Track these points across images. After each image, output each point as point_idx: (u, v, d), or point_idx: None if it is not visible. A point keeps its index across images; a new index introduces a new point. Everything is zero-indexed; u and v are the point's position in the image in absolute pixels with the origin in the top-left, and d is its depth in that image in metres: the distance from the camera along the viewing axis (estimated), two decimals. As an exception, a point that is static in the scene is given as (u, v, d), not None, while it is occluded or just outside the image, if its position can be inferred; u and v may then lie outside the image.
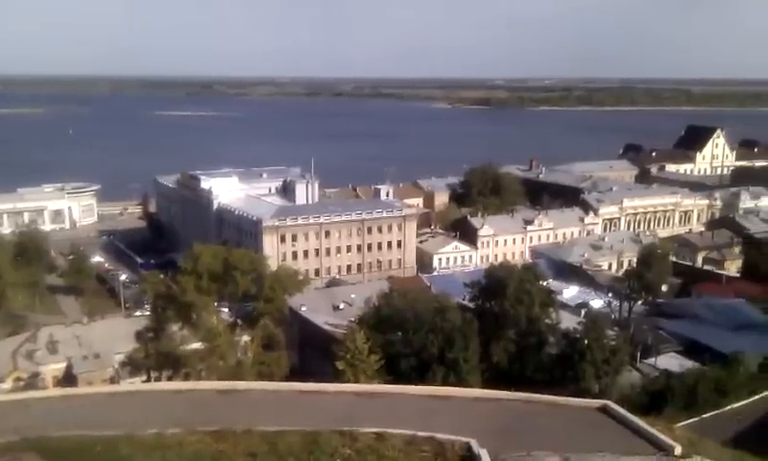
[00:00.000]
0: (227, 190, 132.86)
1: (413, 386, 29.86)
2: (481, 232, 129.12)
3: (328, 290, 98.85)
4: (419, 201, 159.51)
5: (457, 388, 31.53)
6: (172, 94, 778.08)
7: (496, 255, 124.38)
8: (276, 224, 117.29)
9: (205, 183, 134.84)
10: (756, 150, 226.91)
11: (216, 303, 69.14)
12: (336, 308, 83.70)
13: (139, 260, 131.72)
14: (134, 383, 55.51)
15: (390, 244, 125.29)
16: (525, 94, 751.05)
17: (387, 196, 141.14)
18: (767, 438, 43.17)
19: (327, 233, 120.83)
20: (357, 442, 22.05)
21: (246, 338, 67.81)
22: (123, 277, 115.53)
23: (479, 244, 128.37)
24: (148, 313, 72.65)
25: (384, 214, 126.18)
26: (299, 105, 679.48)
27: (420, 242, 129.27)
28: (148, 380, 61.65)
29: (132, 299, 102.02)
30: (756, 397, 51.25)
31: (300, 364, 72.66)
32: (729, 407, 49.60)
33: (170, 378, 58.69)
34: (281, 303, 69.31)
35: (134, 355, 63.83)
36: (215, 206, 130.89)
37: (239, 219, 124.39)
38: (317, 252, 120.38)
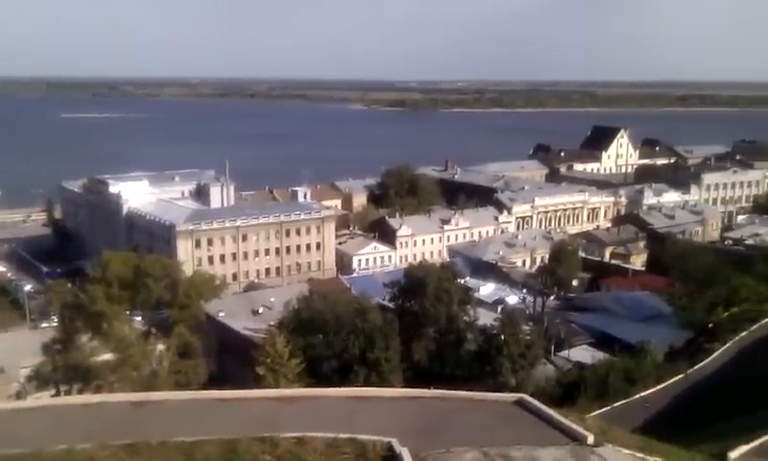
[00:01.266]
0: (137, 194, 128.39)
1: (334, 388, 29.65)
2: (399, 233, 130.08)
3: (247, 295, 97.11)
4: (337, 202, 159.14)
5: (378, 388, 31.62)
6: (76, 95, 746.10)
7: (415, 255, 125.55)
8: (191, 228, 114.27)
9: (114, 188, 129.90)
10: (657, 149, 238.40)
11: (128, 312, 66.69)
12: (255, 313, 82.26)
13: (44, 269, 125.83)
14: (42, 398, 52.69)
15: (309, 246, 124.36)
16: (439, 96, 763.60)
17: (304, 198, 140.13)
18: (674, 424, 45.35)
19: (244, 237, 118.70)
20: (278, 448, 21.64)
21: (160, 347, 65.63)
22: (27, 287, 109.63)
23: (398, 244, 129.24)
24: (55, 324, 69.29)
25: (302, 216, 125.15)
26: (210, 106, 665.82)
27: (340, 243, 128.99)
28: (57, 394, 58.74)
29: (38, 310, 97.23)
30: (663, 385, 53.81)
31: (218, 371, 71.06)
32: (638, 395, 51.86)
33: (80, 392, 56.18)
34: (197, 309, 67.58)
35: (41, 369, 60.78)
36: (125, 211, 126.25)
37: (151, 224, 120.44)
38: (234, 256, 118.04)
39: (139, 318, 71.69)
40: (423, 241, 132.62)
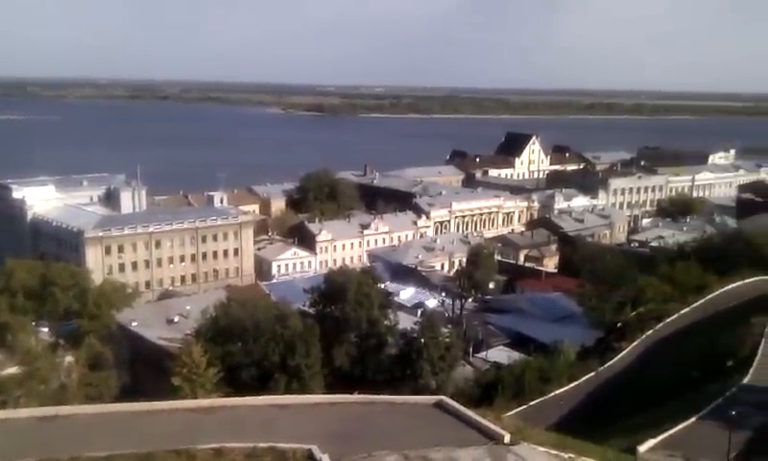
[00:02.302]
0: (42, 200, 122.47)
1: (253, 397, 29.13)
2: (319, 238, 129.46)
3: (161, 303, 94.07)
4: (254, 207, 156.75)
5: (298, 395, 31.32)
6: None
7: (335, 260, 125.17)
8: (100, 234, 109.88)
9: (17, 193, 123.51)
10: (567, 155, 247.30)
11: (34, 323, 63.54)
12: (170, 322, 79.66)
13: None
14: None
15: (226, 252, 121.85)
16: (357, 101, 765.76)
17: (221, 203, 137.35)
18: (587, 420, 46.96)
19: (158, 243, 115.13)
20: (195, 459, 21.08)
21: (69, 359, 62.72)
22: None
23: (318, 249, 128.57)
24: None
25: (219, 222, 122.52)
26: (120, 108, 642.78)
27: (258, 249, 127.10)
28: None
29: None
30: (576, 383, 55.68)
31: (132, 384, 68.40)
32: (552, 394, 53.44)
33: (-18, 408, 52.82)
34: (108, 319, 65.23)
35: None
36: (29, 217, 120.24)
37: (57, 231, 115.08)
38: (147, 263, 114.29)
39: (46, 329, 68.31)
40: (343, 246, 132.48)
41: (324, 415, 25.63)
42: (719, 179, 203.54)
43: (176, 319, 79.76)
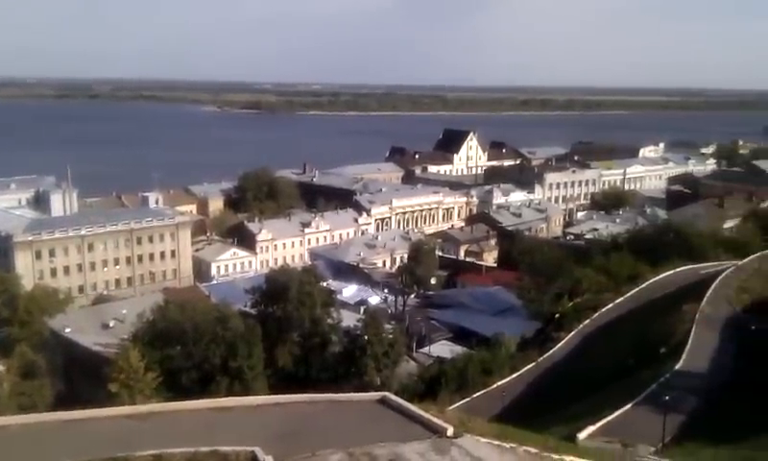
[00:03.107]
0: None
1: (194, 401, 28.48)
2: (259, 237, 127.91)
3: (96, 308, 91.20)
4: (191, 207, 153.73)
5: (240, 397, 30.82)
6: None
7: (276, 259, 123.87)
8: (30, 238, 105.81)
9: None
10: (503, 151, 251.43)
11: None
12: (106, 327, 77.30)
13: None
14: None
15: (163, 254, 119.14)
16: (295, 98, 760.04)
17: (156, 203, 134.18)
18: (528, 409, 47.83)
19: (91, 246, 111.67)
20: (133, 467, 20.49)
21: (0, 368, 60.27)
22: None
23: (258, 249, 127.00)
24: None
25: (154, 223, 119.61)
26: (49, 107, 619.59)
27: (196, 250, 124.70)
28: None
29: None
30: (517, 373, 56.68)
31: (67, 392, 66.11)
32: (494, 385, 54.25)
33: None
34: (40, 325, 63.00)
35: None
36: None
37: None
38: (80, 267, 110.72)
39: (-27, 339, 65.38)
40: (284, 245, 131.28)
41: (268, 416, 25.33)
42: (649, 172, 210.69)
43: (111, 324, 77.47)
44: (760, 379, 41.76)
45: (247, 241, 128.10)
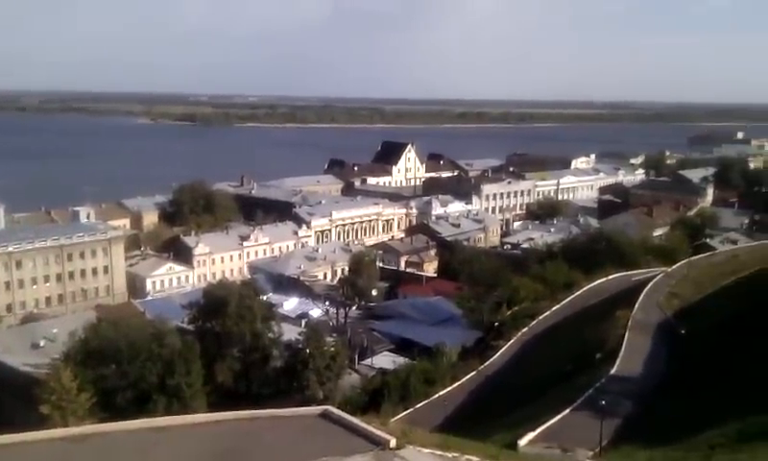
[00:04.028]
0: None
1: (130, 421, 27.59)
2: (196, 251, 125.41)
3: (25, 327, 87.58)
4: (125, 222, 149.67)
5: (177, 416, 30.01)
6: None
7: (214, 274, 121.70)
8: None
9: None
10: (441, 162, 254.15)
11: None
12: (36, 346, 74.28)
13: None
14: None
15: (95, 270, 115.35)
16: (231, 111, 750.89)
17: (88, 218, 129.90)
18: (471, 418, 48.35)
19: (19, 263, 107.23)
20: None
21: None
22: None
23: (195, 263, 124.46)
24: None
25: (86, 238, 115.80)
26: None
27: (130, 266, 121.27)
28: None
29: None
30: (458, 383, 57.30)
31: (-6, 415, 63.16)
32: (437, 395, 54.67)
33: None
34: (-36, 347, 59.79)
35: None
36: None
37: None
38: (7, 285, 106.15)
39: None
40: (222, 259, 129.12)
41: (207, 434, 24.76)
42: (581, 182, 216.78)
43: (42, 343, 74.53)
44: (691, 382, 43.41)
45: (183, 255, 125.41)
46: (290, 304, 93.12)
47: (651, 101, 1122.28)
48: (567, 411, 39.98)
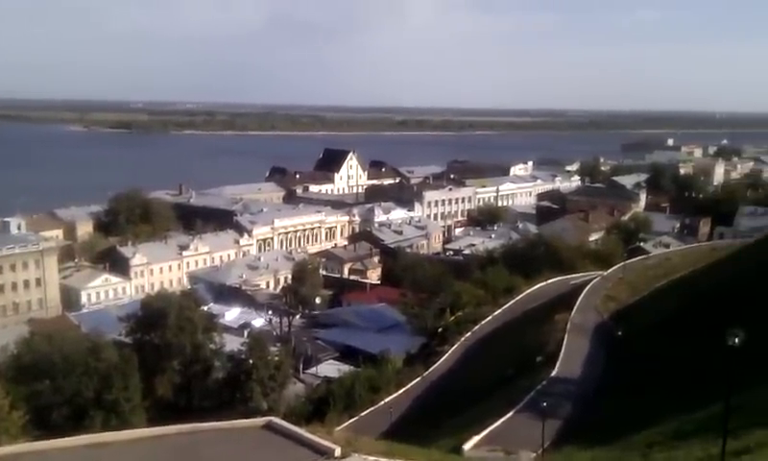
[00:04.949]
0: None
1: (66, 438, 26.68)
2: (133, 262, 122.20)
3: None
4: (58, 233, 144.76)
5: (116, 432, 29.18)
6: None
7: (153, 285, 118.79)
8: None
9: None
10: (383, 170, 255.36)
11: None
12: (-37, 364, 71.17)
13: None
14: None
15: (27, 283, 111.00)
16: (169, 118, 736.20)
17: (18, 229, 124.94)
18: (416, 424, 48.56)
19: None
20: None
21: None
22: None
23: (132, 274, 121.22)
24: None
25: (17, 250, 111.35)
26: None
27: (64, 278, 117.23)
28: None
29: None
30: (403, 389, 57.50)
31: None
32: (382, 402, 54.72)
33: None
34: None
35: None
36: None
37: None
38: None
39: None
40: (161, 269, 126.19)
41: (147, 450, 24.14)
42: (520, 189, 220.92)
43: (-31, 361, 71.39)
44: (628, 382, 44.65)
45: (120, 266, 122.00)
46: (232, 314, 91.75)
47: (585, 109, 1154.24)
48: (510, 414, 40.57)
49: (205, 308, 76.02)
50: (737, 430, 20.47)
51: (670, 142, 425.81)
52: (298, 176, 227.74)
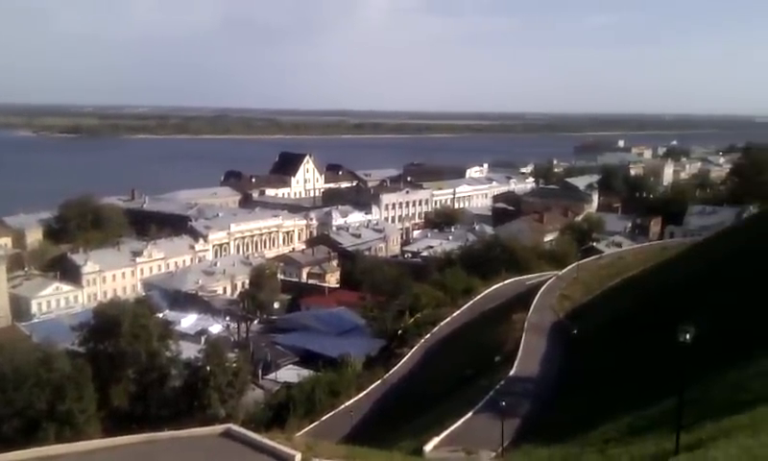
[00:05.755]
0: None
1: (17, 451, 25.95)
2: (85, 269, 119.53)
3: None
4: (6, 240, 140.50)
5: (70, 444, 28.51)
6: None
7: (105, 292, 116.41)
8: None
9: None
10: (340, 173, 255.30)
11: None
12: None
13: None
14: None
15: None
16: (120, 122, 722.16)
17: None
18: (377, 426, 48.65)
19: None
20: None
21: None
22: None
23: (84, 282, 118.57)
24: None
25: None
26: None
27: (13, 287, 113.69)
28: None
29: None
30: (364, 392, 57.52)
31: None
32: (342, 406, 54.63)
33: None
34: None
35: None
36: None
37: None
38: None
39: None
40: (114, 276, 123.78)
41: (102, 461, 23.74)
42: (476, 191, 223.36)
43: None
44: (584, 380, 45.53)
45: (71, 274, 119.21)
46: (188, 321, 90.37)
47: (541, 112, 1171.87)
48: (470, 414, 40.94)
49: (161, 315, 74.73)
50: (690, 425, 21.04)
51: (621, 144, 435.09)
52: (253, 180, 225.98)
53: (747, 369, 27.78)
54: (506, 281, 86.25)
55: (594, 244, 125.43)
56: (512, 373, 49.30)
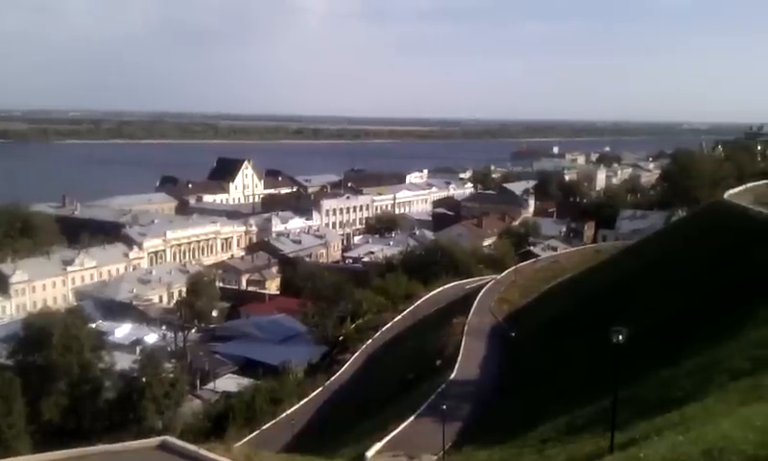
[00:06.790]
0: None
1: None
2: (13, 279, 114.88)
3: None
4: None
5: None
6: None
7: (35, 303, 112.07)
8: None
9: None
10: (280, 179, 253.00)
11: None
12: None
13: None
14: None
15: None
16: (50, 126, 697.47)
17: None
18: (320, 434, 48.35)
19: None
20: None
21: None
22: None
23: (12, 292, 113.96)
24: None
25: None
26: None
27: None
28: None
29: None
30: (306, 399, 57.08)
31: None
32: (284, 414, 54.05)
33: None
34: None
35: None
36: None
37: None
38: None
39: None
40: (44, 286, 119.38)
41: (33, 477, 22.89)
42: (416, 196, 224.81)
43: None
44: (524, 382, 46.36)
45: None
46: (122, 331, 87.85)
47: (479, 118, 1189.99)
48: (412, 418, 41.06)
49: (93, 326, 72.55)
50: (624, 423, 21.62)
51: (555, 150, 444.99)
52: (190, 185, 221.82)
53: (678, 367, 28.78)
54: (446, 286, 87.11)
55: (531, 248, 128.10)
56: (452, 376, 49.71)
